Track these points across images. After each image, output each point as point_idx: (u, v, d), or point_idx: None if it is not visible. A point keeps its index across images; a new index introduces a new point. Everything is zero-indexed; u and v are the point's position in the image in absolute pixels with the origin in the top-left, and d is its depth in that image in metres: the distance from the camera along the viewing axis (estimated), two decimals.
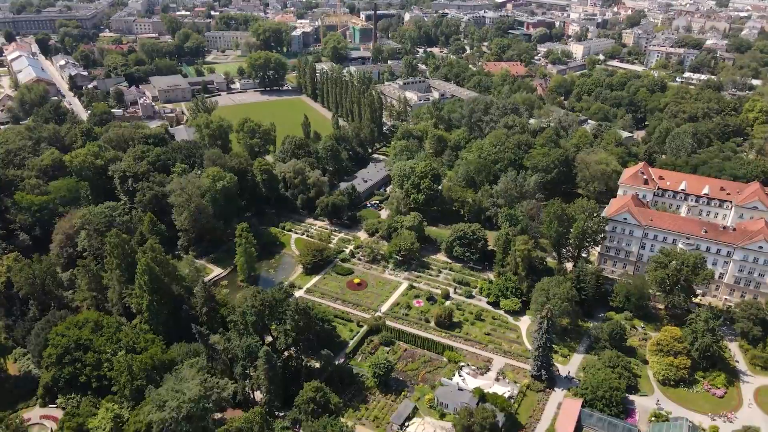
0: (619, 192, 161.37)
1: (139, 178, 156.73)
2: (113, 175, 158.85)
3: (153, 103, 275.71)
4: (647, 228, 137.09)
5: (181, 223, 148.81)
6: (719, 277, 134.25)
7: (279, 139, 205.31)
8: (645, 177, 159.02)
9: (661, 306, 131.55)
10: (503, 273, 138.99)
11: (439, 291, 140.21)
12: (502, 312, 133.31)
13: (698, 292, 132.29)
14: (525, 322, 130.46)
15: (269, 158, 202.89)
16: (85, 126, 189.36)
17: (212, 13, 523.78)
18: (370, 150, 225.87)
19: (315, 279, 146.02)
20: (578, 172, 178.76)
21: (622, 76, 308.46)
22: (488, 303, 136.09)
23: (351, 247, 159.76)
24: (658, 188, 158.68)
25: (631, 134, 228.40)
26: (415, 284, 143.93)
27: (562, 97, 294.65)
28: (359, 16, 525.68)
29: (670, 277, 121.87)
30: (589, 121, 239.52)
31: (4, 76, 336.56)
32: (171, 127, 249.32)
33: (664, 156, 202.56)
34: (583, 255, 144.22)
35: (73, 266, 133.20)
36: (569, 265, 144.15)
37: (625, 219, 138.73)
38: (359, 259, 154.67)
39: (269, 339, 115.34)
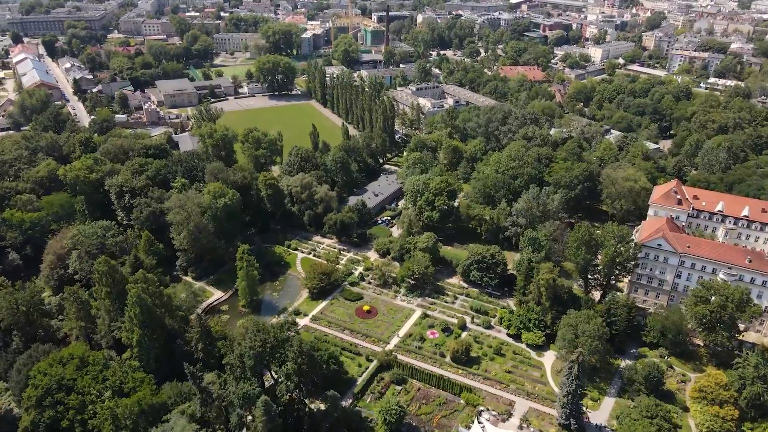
0: (650, 212, 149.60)
1: (137, 194, 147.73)
2: (109, 190, 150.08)
3: (158, 109, 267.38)
4: (684, 256, 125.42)
5: (179, 242, 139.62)
6: (765, 310, 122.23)
7: (286, 149, 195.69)
8: (678, 197, 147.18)
9: (701, 343, 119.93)
10: (525, 301, 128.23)
11: (455, 320, 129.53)
12: (523, 346, 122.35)
13: (741, 326, 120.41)
14: (549, 358, 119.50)
15: (275, 170, 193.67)
16: (84, 135, 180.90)
17: (222, 14, 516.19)
18: (381, 160, 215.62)
19: (321, 305, 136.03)
20: (604, 189, 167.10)
21: (645, 82, 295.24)
22: (509, 335, 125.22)
23: (360, 269, 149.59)
24: (693, 209, 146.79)
25: (657, 146, 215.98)
26: (429, 312, 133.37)
27: (582, 104, 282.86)
28: (371, 18, 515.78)
29: (713, 313, 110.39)
30: (612, 131, 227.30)
31: (9, 79, 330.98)
32: (175, 134, 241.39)
33: (694, 171, 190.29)
34: (612, 282, 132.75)
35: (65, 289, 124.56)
36: (597, 294, 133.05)
37: (660, 245, 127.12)
38: (369, 283, 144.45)
39: (268, 373, 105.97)
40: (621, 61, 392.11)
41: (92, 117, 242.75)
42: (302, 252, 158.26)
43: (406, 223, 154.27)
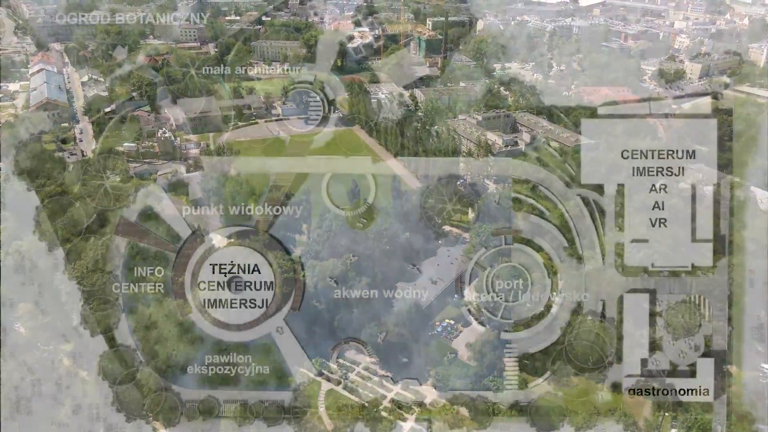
0: None
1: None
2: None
3: (173, 136, 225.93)
4: None
5: None
6: None
7: (316, 204, 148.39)
8: None
9: None
10: None
11: None
12: None
13: None
14: None
15: (299, 240, 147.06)
16: (54, 190, 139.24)
17: (263, 18, 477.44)
18: (439, 221, 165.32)
19: None
20: None
21: None
22: None
23: (412, 421, 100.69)
24: None
25: None
26: None
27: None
28: (425, 24, 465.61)
29: None
30: (752, 188, 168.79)
31: (24, 92, 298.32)
32: (188, 171, 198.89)
33: None
34: None
35: None
36: None
37: None
38: None
39: None
40: (726, 79, 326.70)
41: (94, 147, 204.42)
42: (328, 379, 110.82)
43: (486, 353, 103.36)
